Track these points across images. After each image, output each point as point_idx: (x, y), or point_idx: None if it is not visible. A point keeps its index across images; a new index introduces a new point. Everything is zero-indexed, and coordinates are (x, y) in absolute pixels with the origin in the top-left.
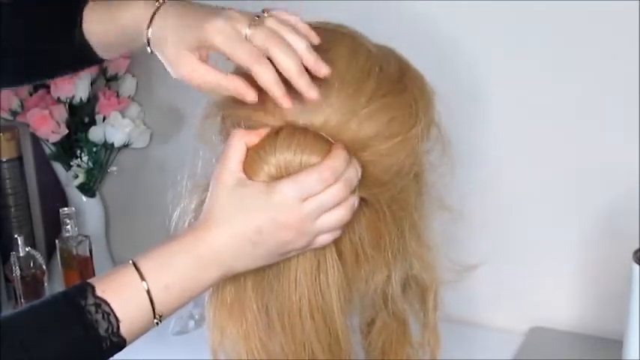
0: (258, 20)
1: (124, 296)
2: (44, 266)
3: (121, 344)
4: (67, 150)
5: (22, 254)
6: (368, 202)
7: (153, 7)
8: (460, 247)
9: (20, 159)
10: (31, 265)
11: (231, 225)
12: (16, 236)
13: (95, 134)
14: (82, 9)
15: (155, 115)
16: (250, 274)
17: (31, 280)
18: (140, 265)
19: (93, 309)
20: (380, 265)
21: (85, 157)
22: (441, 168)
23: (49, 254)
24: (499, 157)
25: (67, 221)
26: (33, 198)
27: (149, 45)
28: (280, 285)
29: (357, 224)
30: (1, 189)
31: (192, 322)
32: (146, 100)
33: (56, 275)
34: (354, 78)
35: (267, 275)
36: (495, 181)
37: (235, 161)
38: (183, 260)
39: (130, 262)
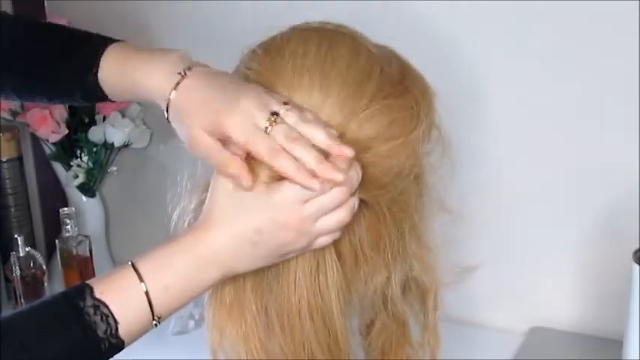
0: (277, 117)
1: (122, 298)
2: (44, 266)
3: (120, 345)
4: (67, 150)
5: (22, 254)
6: (368, 204)
7: (172, 82)
8: (460, 247)
9: (20, 159)
10: (31, 265)
11: (231, 225)
12: (16, 236)
13: (95, 134)
14: (101, 55)
15: (155, 115)
16: (249, 275)
17: (31, 280)
18: (139, 267)
19: (91, 310)
20: (379, 267)
21: (85, 157)
22: (441, 169)
23: (49, 254)
24: (499, 157)
25: (67, 221)
26: (33, 198)
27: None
28: (280, 286)
29: (357, 225)
30: (1, 189)
31: (192, 322)
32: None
33: (56, 275)
34: (354, 79)
35: (266, 276)
36: (495, 181)
37: None
38: (182, 261)
39: (129, 263)
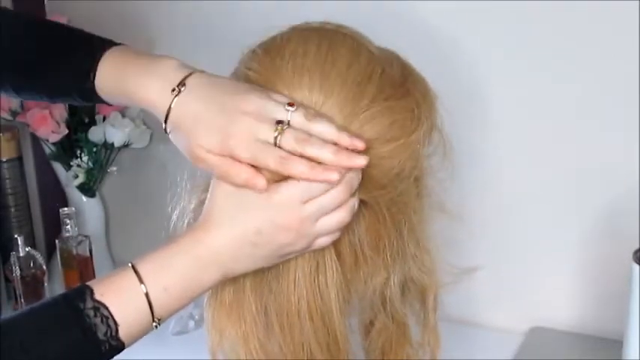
0: (283, 125)
1: (122, 299)
2: (44, 266)
3: (120, 347)
4: (67, 150)
5: (22, 254)
6: (368, 205)
7: (168, 97)
8: (460, 247)
9: (20, 159)
10: (31, 265)
11: (231, 226)
12: (16, 236)
13: (95, 134)
14: (99, 60)
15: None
16: (249, 275)
17: (31, 280)
18: (139, 268)
19: (92, 312)
20: (379, 267)
21: (85, 157)
22: (442, 172)
23: (49, 254)
24: (499, 157)
25: (67, 221)
26: (33, 198)
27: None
28: (279, 286)
29: (357, 226)
30: (1, 189)
31: (192, 323)
32: None
33: (56, 275)
34: (355, 80)
35: (266, 276)
36: (495, 181)
37: None
38: (182, 262)
39: (129, 264)
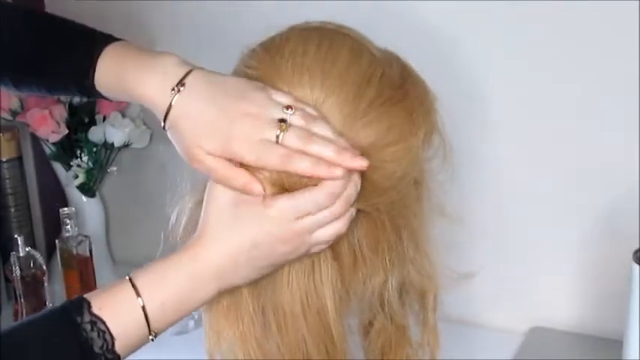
0: (286, 123)
1: (119, 313)
2: (44, 266)
3: None
4: (67, 150)
5: (22, 254)
6: (365, 212)
7: (167, 96)
8: (460, 248)
9: (20, 159)
10: (31, 265)
11: (228, 240)
12: (16, 236)
13: (95, 134)
14: (99, 55)
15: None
16: None
17: (31, 280)
18: (136, 281)
19: (88, 327)
20: (378, 269)
21: (85, 157)
22: (442, 174)
23: (49, 254)
24: (499, 157)
25: (67, 221)
26: (33, 198)
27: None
28: (275, 284)
29: (356, 229)
30: (1, 189)
31: (192, 322)
32: None
33: (56, 275)
34: (355, 81)
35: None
36: (495, 182)
37: None
38: (179, 277)
39: (127, 277)
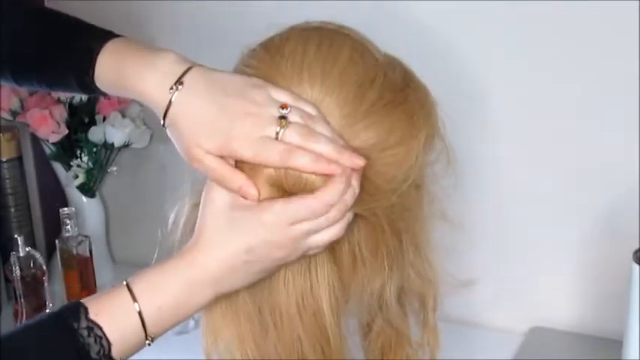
0: (285, 120)
1: (116, 318)
2: (44, 266)
3: None
4: (67, 150)
5: (22, 254)
6: (363, 216)
7: (167, 93)
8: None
9: (20, 159)
10: (31, 265)
11: (223, 246)
12: (16, 236)
13: (95, 134)
14: (99, 52)
15: (155, 115)
16: None
17: (31, 280)
18: (133, 287)
19: (85, 332)
20: (377, 271)
21: (85, 157)
22: (445, 180)
23: (49, 254)
24: (499, 157)
25: (67, 221)
26: (33, 198)
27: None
28: (272, 285)
29: (356, 231)
30: (1, 189)
31: (192, 322)
32: None
33: (56, 275)
34: (355, 81)
35: None
36: (495, 181)
37: None
38: (175, 282)
39: (124, 282)
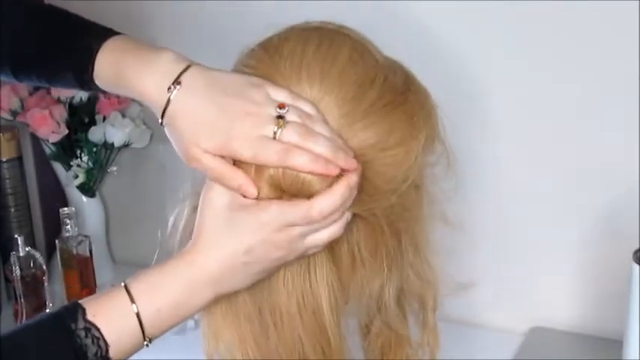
0: (284, 120)
1: (113, 319)
2: (44, 266)
3: None
4: (67, 150)
5: (22, 254)
6: (363, 217)
7: (165, 93)
8: (460, 248)
9: (20, 159)
10: (31, 265)
11: (222, 247)
12: (16, 236)
13: (95, 134)
14: (98, 49)
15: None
16: None
17: (31, 280)
18: (131, 288)
19: (83, 333)
20: (377, 272)
21: (85, 157)
22: (446, 183)
23: (49, 254)
24: (499, 157)
25: (67, 221)
26: (33, 198)
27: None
28: (272, 285)
29: (356, 231)
30: (1, 189)
31: (192, 322)
32: None
33: (56, 275)
34: (355, 82)
35: None
36: (495, 181)
37: None
38: (174, 284)
39: (122, 284)
